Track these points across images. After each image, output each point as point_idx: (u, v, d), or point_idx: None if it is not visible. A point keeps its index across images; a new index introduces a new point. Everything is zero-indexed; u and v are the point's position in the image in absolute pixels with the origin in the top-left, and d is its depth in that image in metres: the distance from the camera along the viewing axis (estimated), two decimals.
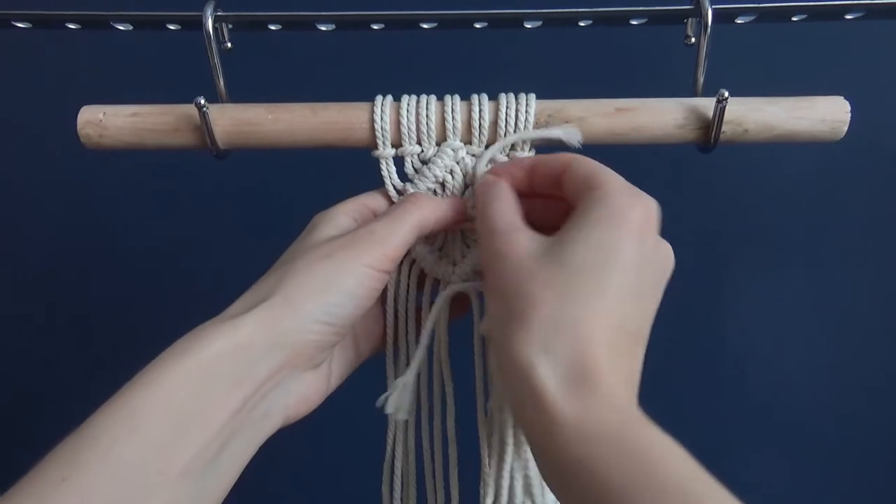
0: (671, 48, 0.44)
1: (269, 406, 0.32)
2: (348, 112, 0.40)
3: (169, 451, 0.28)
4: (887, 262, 0.78)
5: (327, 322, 0.33)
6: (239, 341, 0.31)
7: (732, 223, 0.77)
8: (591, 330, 0.29)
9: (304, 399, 0.35)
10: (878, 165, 0.73)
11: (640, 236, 0.31)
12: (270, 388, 0.32)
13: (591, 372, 0.28)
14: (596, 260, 0.30)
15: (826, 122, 0.40)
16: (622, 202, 0.32)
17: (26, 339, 0.84)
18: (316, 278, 0.33)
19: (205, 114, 0.39)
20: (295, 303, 0.32)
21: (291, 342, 0.32)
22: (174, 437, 0.28)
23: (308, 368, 0.35)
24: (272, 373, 0.32)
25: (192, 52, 0.42)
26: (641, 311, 0.31)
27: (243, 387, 0.30)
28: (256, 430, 0.32)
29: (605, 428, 0.26)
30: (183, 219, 0.78)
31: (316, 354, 0.34)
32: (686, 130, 0.40)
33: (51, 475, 0.26)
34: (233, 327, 0.31)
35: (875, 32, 0.67)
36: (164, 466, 0.27)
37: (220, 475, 0.30)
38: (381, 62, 0.67)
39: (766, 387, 0.82)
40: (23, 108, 0.75)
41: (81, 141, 0.41)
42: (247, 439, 0.32)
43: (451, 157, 0.40)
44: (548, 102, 0.40)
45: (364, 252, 0.34)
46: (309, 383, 0.35)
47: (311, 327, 0.32)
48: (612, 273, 0.30)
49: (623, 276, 0.30)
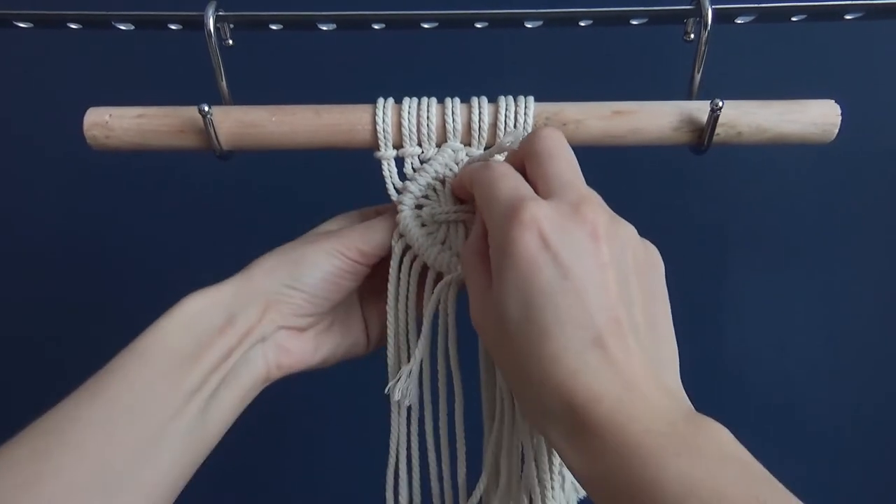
0: (668, 46, 0.44)
1: (252, 354, 0.39)
2: (350, 114, 0.41)
3: (173, 375, 0.35)
4: (887, 263, 0.78)
5: (294, 287, 0.39)
6: (220, 297, 0.38)
7: (731, 223, 0.77)
8: (560, 377, 0.28)
9: (284, 353, 0.40)
10: (878, 165, 0.73)
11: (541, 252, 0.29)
12: (253, 339, 0.38)
13: (584, 416, 0.27)
14: (521, 308, 0.30)
15: (817, 125, 0.41)
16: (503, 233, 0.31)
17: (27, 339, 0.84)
18: (292, 253, 0.40)
19: (209, 119, 0.39)
20: (270, 271, 0.39)
21: (264, 300, 0.39)
22: (174, 369, 0.35)
23: (290, 328, 0.40)
24: (252, 324, 0.38)
25: (194, 51, 0.43)
26: (589, 313, 0.29)
27: (225, 333, 0.37)
28: (243, 374, 0.38)
29: (614, 476, 0.26)
30: (184, 218, 0.78)
31: (289, 314, 0.40)
32: (681, 133, 0.41)
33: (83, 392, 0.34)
34: (216, 289, 0.39)
35: (873, 32, 0.66)
36: (170, 388, 0.35)
37: (217, 407, 0.37)
38: (382, 61, 0.67)
39: (766, 387, 0.82)
40: (23, 107, 0.74)
41: (88, 142, 0.41)
42: (236, 380, 0.38)
43: (451, 157, 0.42)
44: (546, 105, 0.41)
45: (338, 238, 0.40)
46: (290, 342, 0.41)
47: (281, 290, 0.39)
48: (539, 310, 0.29)
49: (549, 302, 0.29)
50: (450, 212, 0.41)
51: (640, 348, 0.29)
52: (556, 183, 0.32)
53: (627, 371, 0.28)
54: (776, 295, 0.80)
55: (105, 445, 0.32)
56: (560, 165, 0.33)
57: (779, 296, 0.80)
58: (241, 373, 0.38)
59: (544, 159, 0.33)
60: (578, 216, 0.30)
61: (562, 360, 0.28)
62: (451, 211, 0.41)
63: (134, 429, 0.33)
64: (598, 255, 0.30)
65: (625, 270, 0.30)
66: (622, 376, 0.28)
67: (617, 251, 0.30)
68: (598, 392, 0.27)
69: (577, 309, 0.29)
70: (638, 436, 0.26)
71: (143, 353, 0.35)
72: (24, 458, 0.31)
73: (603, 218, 0.31)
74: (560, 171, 0.33)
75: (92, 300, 0.82)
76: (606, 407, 0.27)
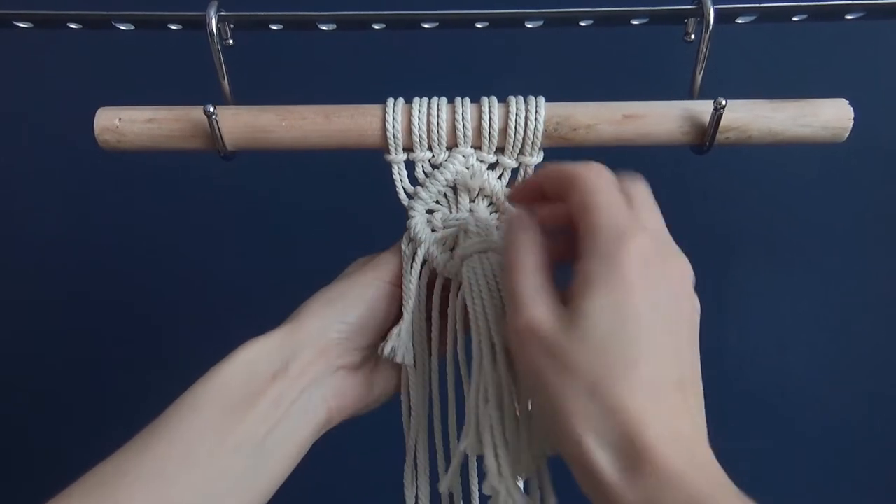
0: (670, 46, 0.44)
1: (308, 398, 0.38)
2: (360, 117, 0.41)
3: (222, 427, 0.35)
4: (888, 263, 0.78)
5: (344, 322, 0.40)
6: (272, 345, 0.38)
7: (732, 223, 0.77)
8: (634, 408, 0.28)
9: (342, 395, 0.40)
10: (879, 166, 0.73)
11: (646, 279, 0.30)
12: (307, 383, 0.38)
13: (646, 454, 0.27)
14: (612, 329, 0.29)
15: (829, 128, 0.40)
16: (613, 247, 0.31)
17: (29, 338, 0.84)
18: (334, 291, 0.41)
19: (214, 120, 0.39)
20: (317, 312, 0.40)
21: (315, 341, 0.39)
22: (225, 419, 0.35)
23: (344, 367, 0.40)
24: (303, 368, 0.38)
25: (193, 50, 0.43)
26: (678, 356, 0.30)
27: (279, 379, 0.37)
28: (300, 420, 0.38)
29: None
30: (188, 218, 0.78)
31: (344, 352, 0.40)
32: (691, 135, 0.41)
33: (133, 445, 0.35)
34: (267, 336, 0.39)
35: (875, 32, 0.66)
36: (220, 440, 0.35)
37: (270, 455, 0.36)
38: (384, 60, 0.67)
39: (767, 387, 0.82)
40: (23, 107, 0.74)
41: (100, 145, 0.41)
42: (292, 426, 0.37)
43: (462, 162, 0.41)
44: (556, 107, 0.41)
45: (373, 267, 0.42)
46: (347, 382, 0.40)
47: (331, 328, 0.39)
48: (632, 337, 0.29)
49: (645, 333, 0.29)
50: (461, 219, 0.42)
51: (699, 408, 0.31)
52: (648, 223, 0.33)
53: (693, 425, 0.29)
54: (777, 295, 0.80)
55: (152, 502, 0.33)
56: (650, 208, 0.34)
57: (779, 296, 0.80)
58: (299, 418, 0.38)
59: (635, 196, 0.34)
60: (672, 262, 0.32)
61: (642, 392, 0.28)
62: (463, 219, 0.42)
63: (183, 483, 0.33)
64: (683, 309, 0.32)
65: (694, 331, 0.32)
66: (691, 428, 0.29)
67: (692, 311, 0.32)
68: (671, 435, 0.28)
69: (670, 348, 0.30)
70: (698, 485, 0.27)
71: (194, 406, 0.35)
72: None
73: (686, 273, 0.33)
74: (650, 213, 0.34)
75: (93, 300, 0.82)
76: (676, 449, 0.28)
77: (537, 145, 0.41)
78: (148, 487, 0.33)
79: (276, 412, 0.37)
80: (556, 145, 0.41)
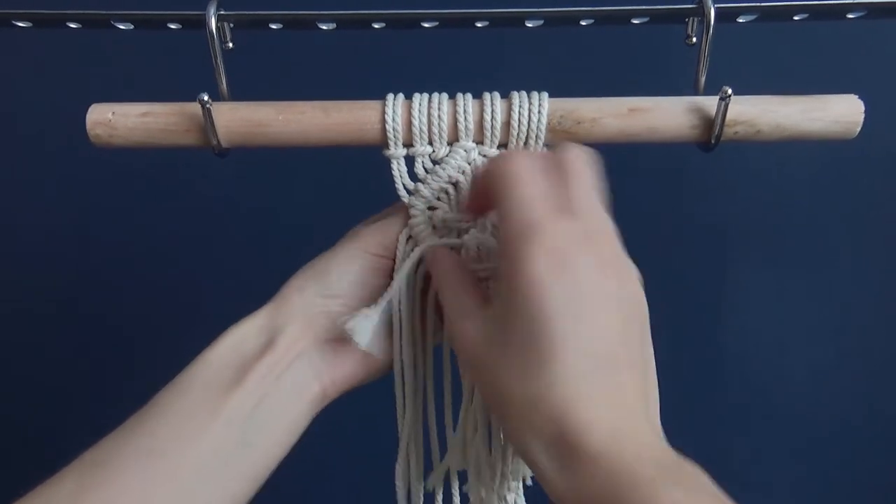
0: (673, 47, 0.44)
1: (298, 371, 0.38)
2: (359, 112, 0.40)
3: (212, 403, 0.35)
4: (889, 262, 0.78)
5: (329, 296, 0.39)
6: (258, 323, 0.38)
7: (732, 222, 0.77)
8: (557, 402, 0.28)
9: (334, 367, 0.39)
10: (879, 165, 0.73)
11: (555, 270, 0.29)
12: (295, 356, 0.38)
13: (577, 445, 0.27)
14: (523, 329, 0.29)
15: (839, 122, 0.40)
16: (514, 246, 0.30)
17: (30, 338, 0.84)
18: (318, 265, 0.40)
19: (208, 109, 0.39)
20: (301, 287, 0.39)
21: (301, 314, 0.39)
22: (215, 396, 0.36)
23: (333, 340, 0.39)
24: (290, 342, 0.38)
25: (191, 50, 0.42)
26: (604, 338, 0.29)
27: (266, 354, 0.37)
28: (291, 393, 0.38)
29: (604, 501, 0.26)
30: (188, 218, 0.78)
31: (332, 325, 0.39)
32: (698, 131, 0.40)
33: (126, 425, 0.35)
34: (254, 315, 0.39)
35: (875, 32, 0.67)
36: (211, 416, 0.35)
37: (263, 428, 0.36)
38: (384, 60, 0.67)
39: (767, 386, 0.82)
40: (23, 107, 0.75)
41: (91, 140, 0.41)
42: (283, 399, 0.37)
43: (464, 157, 0.40)
44: (560, 102, 0.40)
45: (358, 238, 0.40)
46: (338, 355, 0.40)
47: (317, 302, 0.39)
48: (543, 333, 0.29)
49: (559, 326, 0.29)
50: (461, 220, 0.41)
51: (634, 385, 0.30)
52: (577, 204, 0.32)
53: (623, 403, 0.29)
54: (777, 294, 0.79)
55: (147, 478, 0.33)
56: (584, 187, 0.33)
57: (779, 295, 0.79)
58: (289, 391, 0.38)
59: (571, 176, 0.33)
60: (594, 245, 0.31)
61: (561, 385, 0.28)
62: (463, 220, 0.41)
63: (177, 458, 0.34)
64: (607, 288, 0.30)
65: (626, 308, 0.31)
66: (618, 408, 0.28)
67: (622, 288, 0.31)
68: (595, 420, 0.28)
69: (583, 337, 0.29)
70: (631, 465, 0.26)
71: (183, 388, 0.36)
72: (70, 493, 0.32)
73: (616, 251, 0.32)
74: (583, 192, 0.32)
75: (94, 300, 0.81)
76: (601, 435, 0.27)
77: (541, 139, 0.40)
78: (141, 464, 0.33)
79: (265, 385, 0.37)
80: (561, 140, 0.40)
